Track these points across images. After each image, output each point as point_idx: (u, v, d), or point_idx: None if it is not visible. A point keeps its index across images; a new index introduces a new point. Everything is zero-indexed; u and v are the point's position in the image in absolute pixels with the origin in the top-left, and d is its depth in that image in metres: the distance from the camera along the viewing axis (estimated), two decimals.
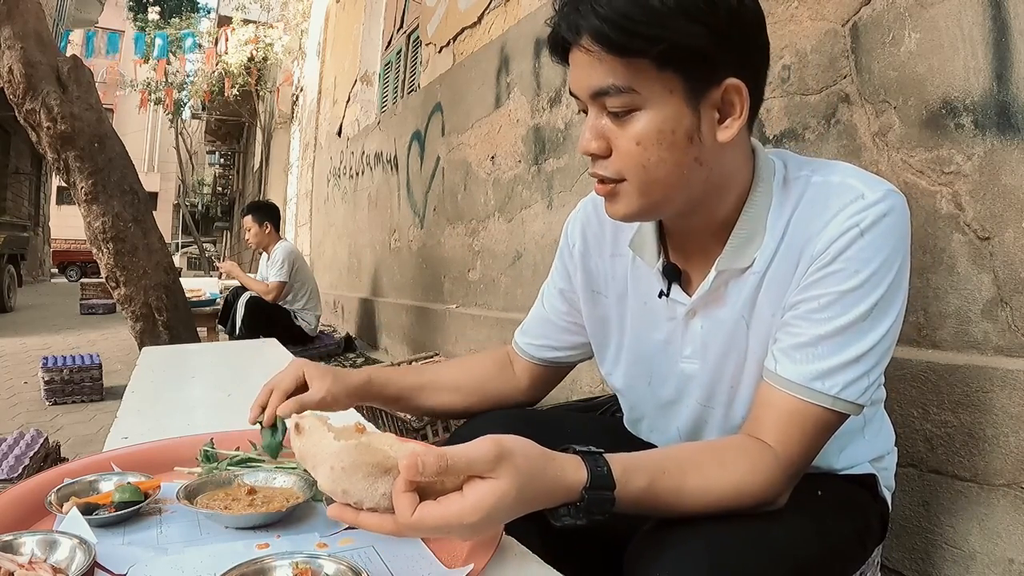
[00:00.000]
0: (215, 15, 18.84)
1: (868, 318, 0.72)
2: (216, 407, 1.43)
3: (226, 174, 28.37)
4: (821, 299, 0.73)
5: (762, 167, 0.79)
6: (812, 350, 0.72)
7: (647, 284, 0.88)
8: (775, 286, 0.77)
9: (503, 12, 3.28)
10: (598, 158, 0.75)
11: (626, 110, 0.71)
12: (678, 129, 0.71)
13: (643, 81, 0.69)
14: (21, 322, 8.09)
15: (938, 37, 1.27)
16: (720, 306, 0.82)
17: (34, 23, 3.63)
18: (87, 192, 3.68)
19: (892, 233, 0.72)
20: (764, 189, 0.78)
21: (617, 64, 0.69)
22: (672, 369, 0.88)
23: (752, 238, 0.78)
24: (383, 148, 5.13)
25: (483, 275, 3.38)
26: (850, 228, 0.72)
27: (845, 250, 0.72)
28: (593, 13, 0.68)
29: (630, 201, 0.75)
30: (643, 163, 0.72)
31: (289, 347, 2.55)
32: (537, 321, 1.04)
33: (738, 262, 0.79)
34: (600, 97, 0.72)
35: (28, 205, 15.81)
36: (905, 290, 0.75)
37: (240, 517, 0.74)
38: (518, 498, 0.58)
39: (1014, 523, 1.09)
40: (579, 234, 0.97)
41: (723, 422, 0.86)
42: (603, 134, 0.73)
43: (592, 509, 0.63)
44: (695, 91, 0.70)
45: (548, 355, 1.03)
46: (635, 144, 0.71)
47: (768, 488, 0.70)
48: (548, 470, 0.61)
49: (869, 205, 0.72)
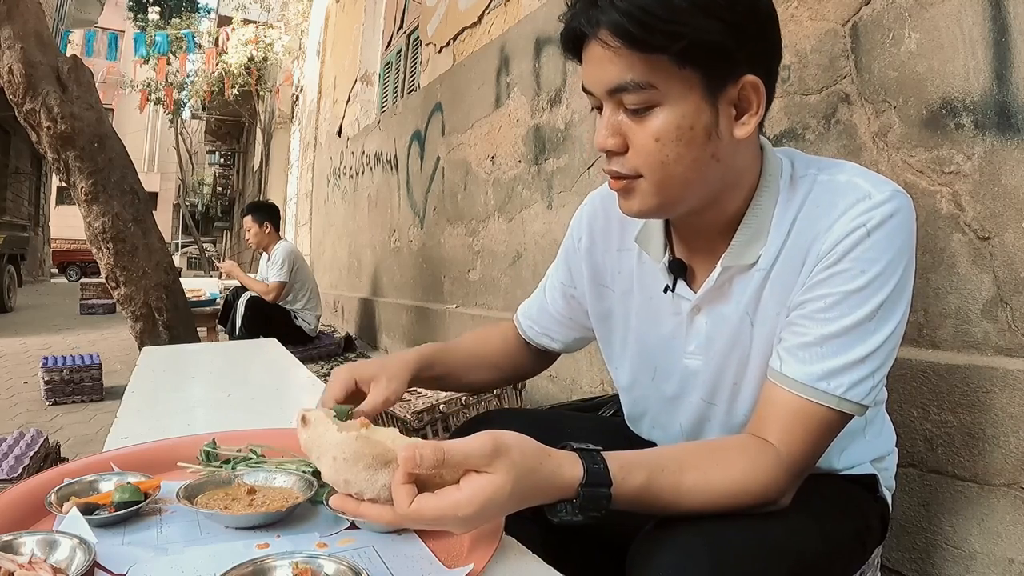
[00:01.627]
0: (215, 15, 18.85)
1: (874, 318, 0.71)
2: (216, 407, 1.43)
3: (226, 174, 28.38)
4: (827, 299, 0.72)
5: (769, 164, 0.79)
6: (818, 350, 0.72)
7: (652, 279, 0.88)
8: (780, 284, 0.77)
9: (503, 12, 3.28)
10: (614, 155, 0.74)
11: (645, 106, 0.70)
12: (697, 125, 0.71)
13: (662, 77, 0.69)
14: (21, 322, 8.09)
15: (938, 37, 1.27)
16: (725, 303, 0.82)
17: (34, 23, 3.63)
18: (87, 192, 3.68)
19: (898, 233, 0.72)
20: (771, 186, 0.78)
21: (636, 60, 0.68)
22: (676, 365, 0.88)
23: (757, 235, 0.78)
24: (383, 148, 5.14)
25: (483, 275, 3.38)
26: (857, 228, 0.71)
27: (851, 250, 0.72)
28: (613, 7, 0.67)
29: (646, 198, 0.75)
30: (662, 159, 0.72)
31: (289, 347, 2.55)
32: (538, 308, 1.07)
33: (743, 259, 0.79)
34: (618, 93, 0.71)
35: (28, 205, 15.81)
36: (910, 291, 0.75)
37: (240, 517, 0.74)
38: (513, 493, 0.59)
39: (1014, 523, 1.09)
40: (586, 228, 0.97)
41: (726, 419, 0.86)
42: (620, 130, 0.73)
43: (588, 506, 0.63)
44: (714, 87, 0.70)
45: (544, 342, 1.07)
46: (654, 140, 0.71)
47: (769, 487, 0.70)
48: (544, 466, 0.62)
49: (876, 205, 0.72)
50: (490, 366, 1.06)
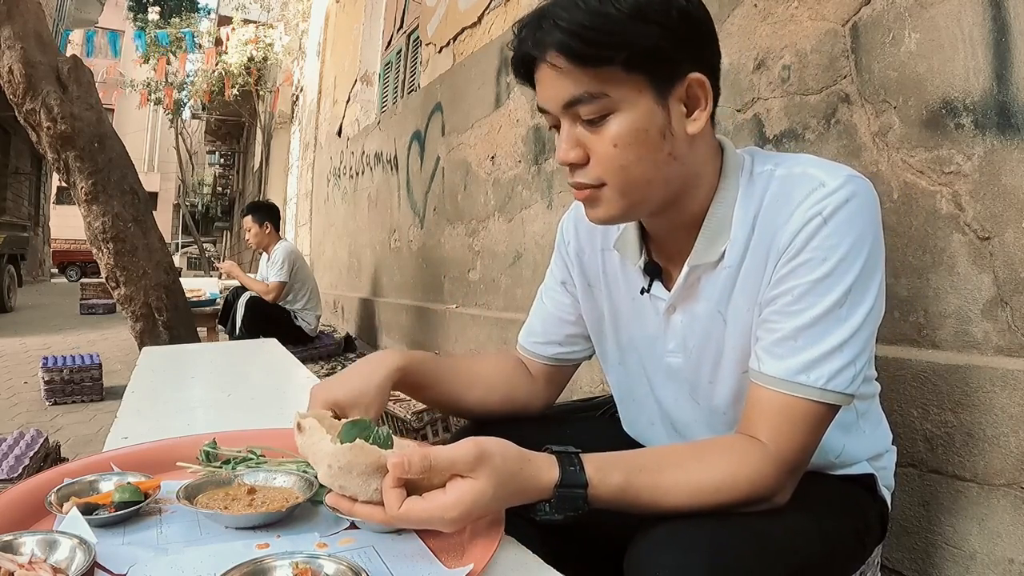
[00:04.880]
0: (215, 15, 18.85)
1: (844, 305, 0.72)
2: (216, 407, 1.43)
3: (226, 174, 28.38)
4: (794, 291, 0.73)
5: (729, 162, 0.81)
6: (792, 343, 0.73)
7: (633, 281, 0.90)
8: (749, 281, 0.78)
9: (503, 12, 3.28)
10: (576, 167, 0.77)
11: (600, 115, 0.73)
12: (651, 127, 0.73)
13: (613, 85, 0.72)
14: (21, 322, 8.09)
15: (938, 37, 1.27)
16: (695, 301, 0.83)
17: (34, 23, 3.63)
18: (87, 192, 3.68)
19: (857, 218, 0.72)
20: (731, 184, 0.80)
21: (585, 74, 0.71)
22: (660, 363, 0.90)
23: (719, 233, 0.80)
24: (383, 148, 5.13)
25: (483, 275, 3.38)
26: (813, 217, 0.73)
27: (811, 239, 0.72)
28: (557, 28, 0.71)
29: (611, 204, 0.77)
30: (622, 164, 0.74)
31: (289, 347, 2.55)
32: (540, 319, 1.04)
33: (707, 257, 0.80)
34: (573, 107, 0.74)
35: (28, 205, 15.81)
36: (880, 275, 0.75)
37: (240, 517, 0.74)
38: (495, 496, 0.63)
39: (1014, 523, 1.09)
40: (572, 231, 0.99)
41: (709, 417, 0.87)
42: (579, 142, 0.75)
43: (564, 506, 0.67)
44: (662, 88, 0.73)
45: (553, 352, 1.02)
46: (612, 147, 0.73)
47: (757, 483, 0.70)
48: (524, 470, 0.66)
49: (830, 193, 0.73)
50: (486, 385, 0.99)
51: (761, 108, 1.71)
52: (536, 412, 1.02)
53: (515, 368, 1.03)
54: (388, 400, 0.89)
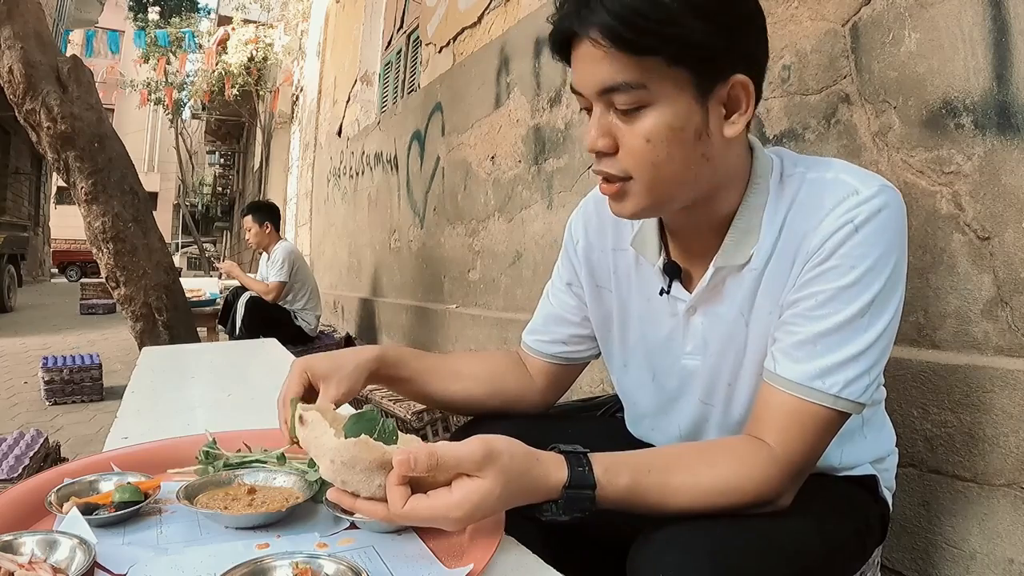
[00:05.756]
0: (215, 15, 18.84)
1: (866, 314, 0.71)
2: (216, 407, 1.43)
3: (226, 174, 28.38)
4: (818, 296, 0.73)
5: (759, 164, 0.79)
6: (811, 348, 0.72)
7: (649, 281, 0.88)
8: (773, 283, 0.77)
9: (503, 12, 3.28)
10: (604, 156, 0.74)
11: (635, 107, 0.70)
12: (687, 126, 0.70)
13: (654, 78, 0.68)
14: (21, 322, 8.09)
15: (938, 37, 1.27)
16: (719, 303, 0.82)
17: (34, 23, 3.62)
18: (87, 192, 3.68)
19: (887, 229, 0.72)
20: (761, 186, 0.79)
21: (627, 61, 0.68)
22: (674, 365, 0.88)
23: (748, 235, 0.78)
24: (383, 148, 5.13)
25: (483, 275, 3.38)
26: (844, 224, 0.71)
27: (840, 246, 0.72)
28: (604, 9, 0.67)
29: (638, 199, 0.75)
30: (652, 160, 0.71)
31: (289, 347, 2.55)
32: (544, 318, 1.02)
33: (735, 259, 0.79)
34: (608, 94, 0.71)
35: (28, 205, 15.81)
36: (902, 286, 0.75)
37: (240, 517, 0.74)
38: (502, 496, 0.62)
39: (1014, 523, 1.09)
40: (581, 231, 0.97)
41: (723, 420, 0.86)
42: (610, 131, 0.72)
43: (572, 507, 0.66)
44: (704, 87, 0.70)
45: (558, 350, 1.00)
46: (645, 141, 0.71)
47: (762, 486, 0.70)
48: (532, 470, 0.65)
49: (863, 201, 0.72)
50: (471, 377, 0.97)
51: (761, 108, 1.71)
52: (533, 409, 1.01)
53: (507, 362, 1.02)
54: (363, 386, 0.89)
